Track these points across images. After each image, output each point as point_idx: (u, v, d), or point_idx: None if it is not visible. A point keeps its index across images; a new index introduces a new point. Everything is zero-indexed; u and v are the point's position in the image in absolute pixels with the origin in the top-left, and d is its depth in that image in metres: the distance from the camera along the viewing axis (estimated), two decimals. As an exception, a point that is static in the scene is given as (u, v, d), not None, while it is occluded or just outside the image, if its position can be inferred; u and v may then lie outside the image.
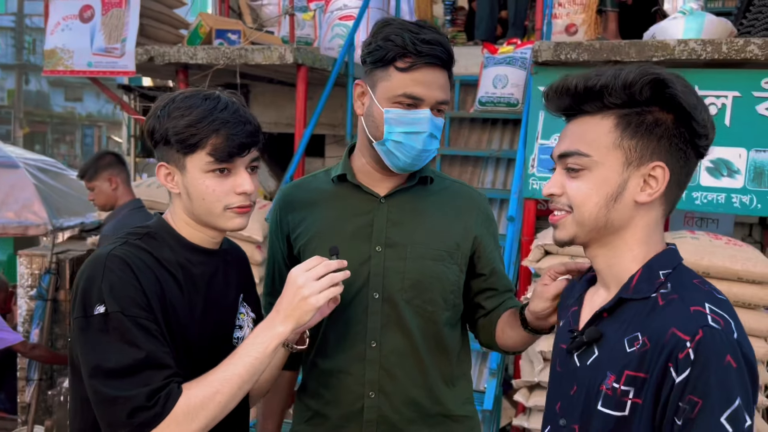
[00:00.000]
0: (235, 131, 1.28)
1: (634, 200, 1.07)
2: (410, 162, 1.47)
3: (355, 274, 1.47)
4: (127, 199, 3.37)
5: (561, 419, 1.14)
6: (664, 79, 1.03)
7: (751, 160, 3.31)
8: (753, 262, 2.95)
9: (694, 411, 0.94)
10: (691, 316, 0.98)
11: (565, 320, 1.22)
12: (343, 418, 1.54)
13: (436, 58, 1.42)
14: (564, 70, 3.51)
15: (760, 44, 3.18)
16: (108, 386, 1.18)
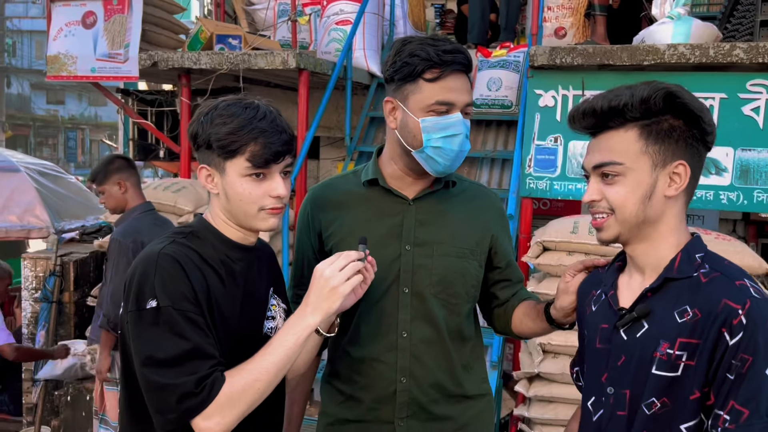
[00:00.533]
0: (272, 140, 1.39)
1: (664, 195, 1.24)
2: (449, 164, 1.60)
3: (386, 270, 1.61)
4: (137, 203, 3.44)
5: (608, 388, 1.28)
6: (673, 92, 1.22)
7: (737, 159, 3.47)
8: (741, 255, 3.09)
9: (745, 366, 1.12)
10: (739, 289, 1.17)
11: (601, 305, 1.36)
12: (377, 401, 1.66)
13: (460, 64, 1.56)
14: (559, 73, 3.67)
15: (745, 48, 3.34)
16: (159, 375, 1.29)
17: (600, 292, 1.39)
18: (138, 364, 1.32)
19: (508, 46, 4.86)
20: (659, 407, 1.20)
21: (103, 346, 3.32)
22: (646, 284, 1.28)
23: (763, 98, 3.41)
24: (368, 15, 4.97)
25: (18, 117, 27.83)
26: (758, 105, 3.42)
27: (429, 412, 1.66)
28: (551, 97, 3.69)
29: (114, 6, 4.36)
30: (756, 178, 3.45)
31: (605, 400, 1.30)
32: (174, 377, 1.28)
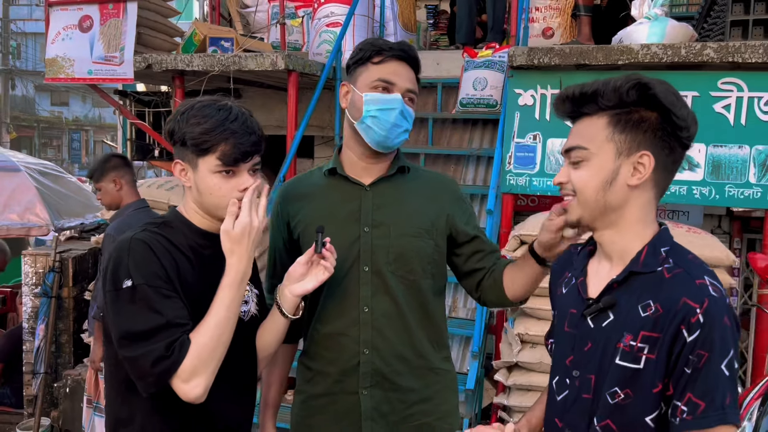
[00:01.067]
0: (241, 141, 1.52)
1: (626, 184, 1.28)
2: (385, 134, 1.75)
3: (347, 251, 1.76)
4: (132, 200, 3.58)
5: (574, 371, 1.35)
6: (646, 83, 1.25)
7: (709, 155, 3.59)
8: (710, 248, 3.22)
9: (701, 362, 1.19)
10: (698, 288, 1.21)
11: (570, 289, 1.42)
12: (343, 373, 1.79)
13: (403, 52, 1.77)
14: (538, 73, 3.80)
15: (715, 48, 3.46)
16: (136, 346, 1.42)
17: (571, 276, 1.45)
18: (116, 339, 1.46)
19: (494, 46, 4.98)
20: (622, 398, 1.26)
21: (97, 337, 3.45)
22: (613, 273, 1.32)
23: (734, 96, 3.53)
24: (358, 17, 5.09)
25: (23, 119, 28.06)
26: (729, 103, 3.54)
27: (392, 382, 1.79)
28: (530, 96, 3.81)
29: (110, 10, 4.50)
30: (727, 174, 3.57)
31: (570, 382, 1.36)
32: (149, 346, 1.41)
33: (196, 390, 1.43)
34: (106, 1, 4.49)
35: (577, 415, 1.34)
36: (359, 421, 1.79)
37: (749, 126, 3.51)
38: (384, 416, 1.80)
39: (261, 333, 1.72)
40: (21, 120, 27.83)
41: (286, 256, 1.85)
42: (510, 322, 3.60)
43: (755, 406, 2.42)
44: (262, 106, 5.93)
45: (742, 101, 3.51)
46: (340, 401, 1.82)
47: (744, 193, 3.55)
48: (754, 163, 3.52)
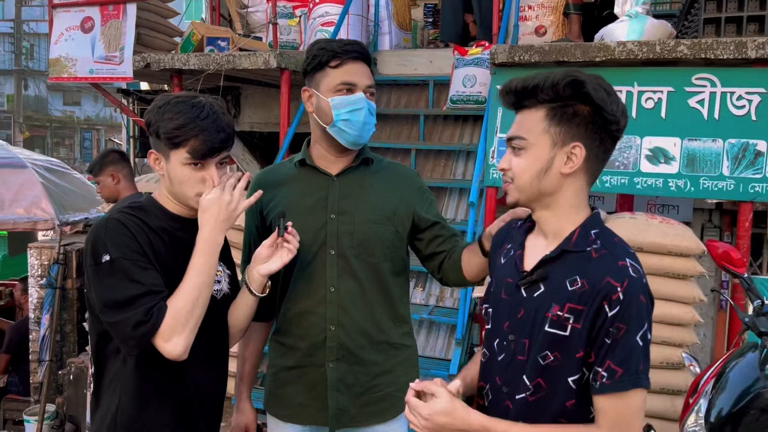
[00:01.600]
0: (210, 137, 1.65)
1: (560, 172, 1.39)
2: (357, 134, 1.88)
3: (315, 236, 1.90)
4: (129, 193, 3.71)
5: (510, 335, 1.47)
6: (581, 80, 1.34)
7: (684, 148, 3.71)
8: (681, 237, 3.34)
9: (620, 333, 1.32)
10: (620, 269, 1.34)
11: (509, 260, 1.54)
12: (311, 348, 1.93)
13: (358, 53, 1.87)
14: (519, 70, 3.93)
15: (688, 45, 3.58)
16: (118, 313, 1.57)
17: (510, 247, 1.56)
18: (99, 309, 1.60)
19: (483, 44, 5.10)
20: (552, 360, 1.38)
21: None
22: (547, 250, 1.44)
23: (707, 91, 3.65)
24: (352, 16, 5.24)
25: (35, 118, 28.46)
26: (703, 98, 3.66)
27: (356, 356, 1.92)
28: (512, 92, 3.94)
29: (110, 12, 4.67)
30: (702, 166, 3.69)
31: (506, 344, 1.48)
32: (129, 312, 1.56)
33: (177, 348, 1.58)
34: (107, 3, 4.67)
35: (513, 375, 1.46)
36: (325, 391, 1.93)
37: (722, 120, 3.63)
38: (349, 387, 1.93)
39: (232, 310, 1.87)
40: (34, 120, 28.23)
41: (259, 241, 1.97)
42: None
43: (710, 385, 2.55)
44: (261, 104, 6.09)
45: (715, 96, 3.63)
46: (309, 373, 1.95)
47: (718, 185, 3.67)
48: (727, 156, 3.64)
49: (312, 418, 1.97)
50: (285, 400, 2.00)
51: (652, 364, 3.21)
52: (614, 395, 1.34)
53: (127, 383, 1.68)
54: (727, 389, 2.50)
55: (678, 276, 3.35)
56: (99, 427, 1.74)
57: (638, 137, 3.77)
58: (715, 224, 5.83)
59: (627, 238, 3.30)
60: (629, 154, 3.79)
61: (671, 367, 3.32)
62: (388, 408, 1.99)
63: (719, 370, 2.58)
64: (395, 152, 4.93)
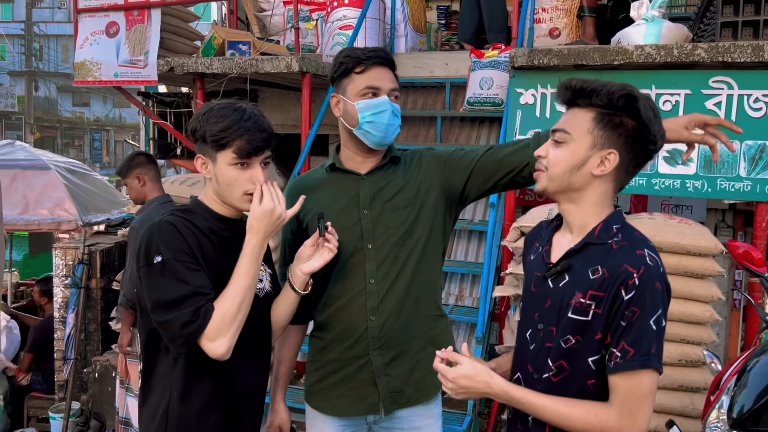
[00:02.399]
0: (254, 137, 1.75)
1: (591, 172, 1.50)
2: (382, 135, 1.96)
3: (350, 233, 1.98)
4: (156, 195, 3.81)
5: (539, 324, 1.58)
6: (636, 96, 1.46)
7: (701, 150, 3.77)
8: (699, 237, 3.40)
9: (634, 316, 1.43)
10: (637, 257, 1.45)
11: (537, 256, 1.65)
12: (353, 339, 2.00)
13: (381, 59, 1.97)
14: (538, 73, 4.00)
15: (706, 48, 3.64)
16: (167, 313, 1.67)
17: (539, 245, 1.67)
18: (150, 308, 1.70)
19: (499, 47, 5.17)
20: (573, 343, 1.50)
21: (124, 323, 3.71)
22: (572, 243, 1.55)
23: (725, 94, 3.71)
24: (369, 20, 5.31)
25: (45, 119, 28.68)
26: (720, 100, 3.72)
27: (398, 341, 2.00)
28: (531, 95, 4.02)
29: (135, 17, 4.77)
30: (719, 168, 3.75)
31: (536, 333, 1.59)
32: (177, 312, 1.66)
33: (221, 348, 1.67)
34: (132, 8, 4.76)
35: (542, 361, 1.57)
36: (372, 377, 2.00)
37: (739, 122, 3.68)
38: (396, 368, 2.01)
39: (275, 308, 1.95)
40: (44, 120, 28.45)
41: (295, 244, 2.06)
42: (513, 310, 3.81)
43: (732, 381, 2.61)
44: (278, 106, 6.17)
45: (732, 99, 3.69)
46: (352, 364, 2.02)
47: (735, 186, 3.73)
48: (744, 158, 3.70)
49: (353, 410, 2.04)
50: (327, 393, 2.07)
51: (671, 362, 3.29)
52: (626, 374, 1.44)
53: (177, 381, 1.77)
54: (749, 386, 2.55)
55: (696, 275, 3.40)
56: (149, 423, 1.82)
57: (656, 139, 3.83)
58: (729, 224, 5.88)
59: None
60: (647, 155, 3.85)
61: (690, 364, 3.38)
62: (437, 380, 2.07)
63: (741, 368, 2.64)
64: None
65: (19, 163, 5.59)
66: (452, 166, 2.04)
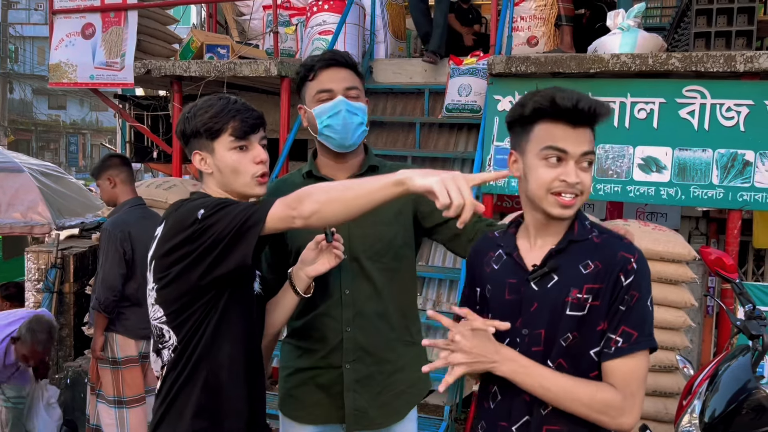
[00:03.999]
0: (246, 116, 1.71)
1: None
2: (341, 136, 1.93)
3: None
4: (128, 197, 3.76)
5: (523, 329, 1.54)
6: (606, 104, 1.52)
7: (675, 158, 3.83)
8: (673, 244, 3.44)
9: (633, 300, 1.47)
10: (628, 245, 1.53)
11: (504, 263, 1.60)
12: (327, 350, 1.98)
13: (331, 60, 1.95)
14: (515, 80, 4.03)
15: (680, 58, 3.70)
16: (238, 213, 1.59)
17: (500, 253, 1.63)
18: (229, 229, 1.59)
19: (478, 54, 5.20)
20: (572, 340, 1.50)
21: (97, 327, 3.65)
22: (543, 246, 1.55)
23: (698, 103, 3.77)
24: (349, 25, 5.32)
25: (20, 122, 28.25)
26: (693, 109, 3.78)
27: (372, 356, 1.98)
28: (509, 101, 4.05)
29: (111, 18, 4.72)
30: (692, 175, 3.81)
31: (520, 340, 1.54)
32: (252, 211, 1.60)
33: (313, 221, 1.56)
34: (108, 10, 4.71)
35: None
36: (341, 392, 1.97)
37: (712, 131, 3.75)
38: (366, 387, 1.98)
39: (272, 310, 1.88)
40: (19, 123, 28.01)
41: (270, 251, 2.03)
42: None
43: (704, 386, 2.65)
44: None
45: (705, 108, 3.76)
46: (325, 374, 1.99)
47: (708, 193, 3.79)
48: (716, 166, 3.76)
49: (327, 416, 2.01)
50: (300, 401, 2.04)
51: (645, 368, 3.31)
52: (628, 357, 1.47)
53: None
54: (720, 390, 2.59)
55: (670, 281, 3.45)
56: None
57: (631, 147, 3.89)
58: (702, 231, 5.96)
59: (622, 245, 3.40)
60: (622, 163, 3.91)
61: (663, 370, 3.42)
62: (403, 405, 2.05)
63: (712, 372, 2.68)
64: (391, 159, 4.95)
65: (-8, 165, 5.49)
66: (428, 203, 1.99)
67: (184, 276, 1.64)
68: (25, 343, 3.74)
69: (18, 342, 3.70)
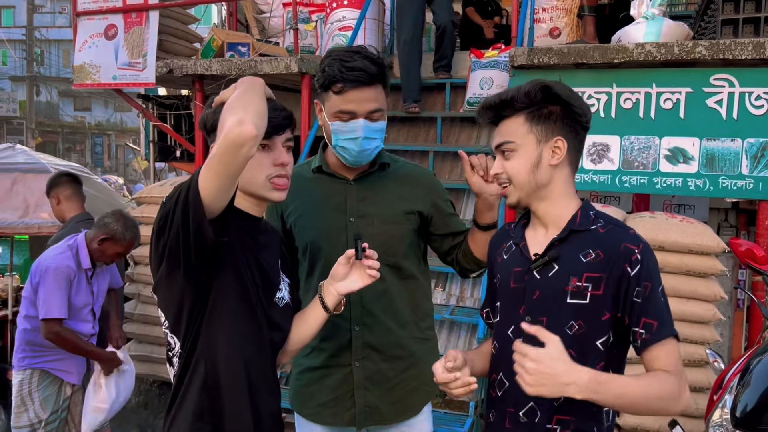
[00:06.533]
0: (272, 115, 1.56)
1: (549, 164, 1.58)
2: (356, 159, 1.92)
3: (336, 239, 1.94)
4: (74, 213, 3.81)
5: (527, 317, 1.57)
6: (548, 85, 1.56)
7: (703, 148, 3.75)
8: (701, 236, 3.38)
9: (647, 291, 1.49)
10: (634, 235, 1.54)
11: (512, 254, 1.67)
12: (337, 348, 1.98)
13: (360, 81, 1.82)
14: (538, 72, 3.98)
15: (706, 46, 3.62)
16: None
17: (510, 244, 1.70)
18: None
19: (499, 47, 5.16)
20: (578, 329, 1.52)
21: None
22: (550, 236, 1.60)
23: (726, 92, 3.69)
24: (369, 21, 5.31)
25: (47, 124, 28.72)
26: (721, 98, 3.70)
27: (382, 353, 1.98)
28: (531, 94, 3.99)
29: (133, 19, 4.76)
30: (720, 166, 3.73)
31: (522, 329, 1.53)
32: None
33: (247, 126, 1.36)
34: (130, 10, 4.75)
35: None
36: (352, 390, 1.98)
37: (741, 120, 3.66)
38: (376, 384, 1.99)
39: (300, 324, 1.79)
40: (45, 125, 28.47)
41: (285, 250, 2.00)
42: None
43: (735, 381, 2.59)
44: (278, 107, 6.15)
45: (733, 96, 3.67)
46: (334, 373, 1.99)
47: (737, 184, 3.70)
48: (746, 156, 3.68)
49: (334, 418, 2.01)
50: (309, 400, 2.05)
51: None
52: (657, 345, 1.49)
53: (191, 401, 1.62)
54: (753, 384, 2.53)
55: (699, 274, 3.39)
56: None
57: (657, 137, 3.82)
58: (731, 223, 5.85)
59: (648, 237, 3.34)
60: (648, 154, 3.84)
61: (693, 364, 3.36)
62: (417, 401, 2.06)
63: (744, 366, 2.62)
64: (413, 154, 4.99)
65: (19, 166, 5.55)
66: (440, 212, 2.07)
67: (171, 273, 1.55)
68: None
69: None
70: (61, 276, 3.15)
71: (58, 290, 3.14)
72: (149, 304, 4.51)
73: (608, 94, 3.87)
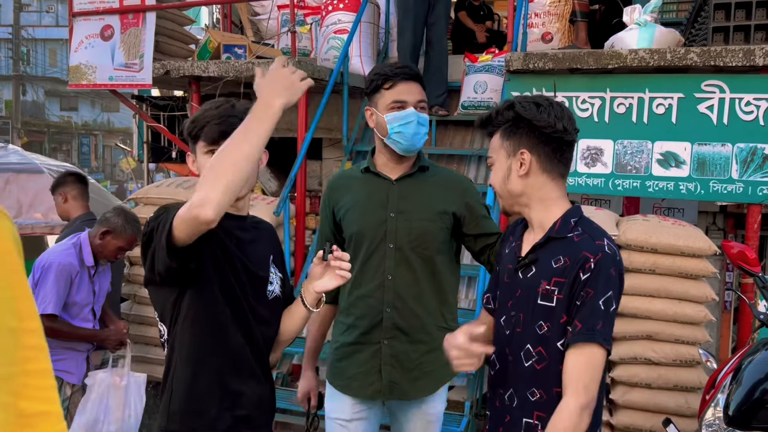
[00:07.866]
0: (218, 122, 1.76)
1: (518, 175, 1.73)
2: (410, 142, 2.18)
3: (376, 231, 2.21)
4: (79, 213, 3.84)
5: (512, 311, 1.77)
6: (512, 104, 1.73)
7: (694, 153, 3.83)
8: (693, 238, 3.44)
9: (588, 297, 1.61)
10: (596, 246, 1.65)
11: (510, 250, 1.84)
12: (369, 327, 2.23)
13: (407, 74, 2.20)
14: (533, 77, 4.04)
15: (698, 52, 3.70)
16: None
17: (512, 240, 1.87)
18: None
19: (493, 51, 5.22)
20: (546, 330, 1.67)
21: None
22: (537, 239, 1.74)
23: (716, 97, 3.77)
24: (364, 24, 5.35)
25: (33, 123, 28.46)
26: (712, 103, 3.78)
27: (408, 335, 2.22)
28: (526, 98, 4.06)
29: (130, 20, 4.77)
30: (711, 170, 3.81)
31: (510, 320, 1.77)
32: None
33: (210, 209, 1.50)
34: (127, 11, 4.76)
35: (516, 346, 1.74)
36: (379, 365, 2.22)
37: (731, 125, 3.74)
38: (400, 363, 2.23)
39: (286, 320, 1.96)
40: (31, 125, 28.22)
41: (330, 236, 2.31)
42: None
43: (727, 380, 2.65)
44: (272, 109, 6.15)
45: (724, 102, 3.75)
46: (365, 349, 2.24)
47: (727, 188, 3.78)
48: (736, 160, 3.76)
49: (363, 391, 2.25)
50: (341, 372, 2.29)
51: (666, 362, 3.33)
52: (575, 348, 1.60)
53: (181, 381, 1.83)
54: (744, 384, 2.60)
55: (691, 276, 3.45)
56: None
57: (650, 142, 3.89)
58: (719, 227, 5.94)
59: (641, 239, 3.41)
60: (641, 158, 3.91)
61: (684, 364, 3.42)
62: (433, 382, 2.28)
63: (736, 366, 2.68)
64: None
65: (12, 166, 5.54)
66: (473, 213, 2.25)
67: (150, 274, 1.74)
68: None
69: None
70: (62, 273, 3.18)
71: (56, 287, 3.17)
72: (145, 304, 4.52)
73: (602, 99, 3.94)
